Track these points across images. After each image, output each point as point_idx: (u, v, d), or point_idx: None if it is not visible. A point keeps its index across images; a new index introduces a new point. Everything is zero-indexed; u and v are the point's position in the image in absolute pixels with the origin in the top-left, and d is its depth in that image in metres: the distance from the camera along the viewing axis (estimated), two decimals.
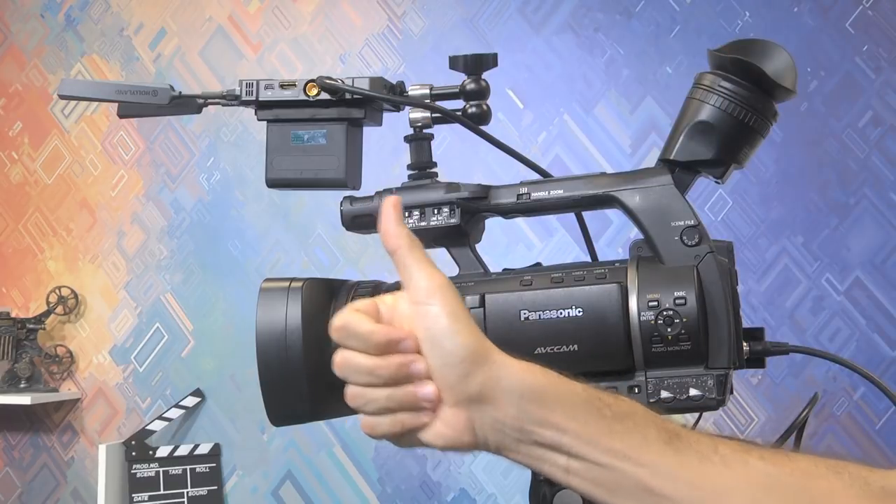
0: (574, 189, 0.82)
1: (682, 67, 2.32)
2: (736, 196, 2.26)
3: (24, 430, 2.70)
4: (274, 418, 0.84)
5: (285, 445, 2.51)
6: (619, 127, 2.36)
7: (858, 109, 2.22)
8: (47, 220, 2.74)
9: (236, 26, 2.64)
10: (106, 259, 2.68)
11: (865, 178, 2.21)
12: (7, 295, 2.75)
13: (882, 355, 2.16)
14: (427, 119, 0.88)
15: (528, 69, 2.42)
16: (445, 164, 0.93)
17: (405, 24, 2.52)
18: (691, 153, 0.80)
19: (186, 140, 2.64)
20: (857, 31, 2.23)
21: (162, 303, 2.63)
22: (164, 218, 2.65)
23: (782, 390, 2.21)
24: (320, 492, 2.48)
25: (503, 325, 0.77)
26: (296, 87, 0.88)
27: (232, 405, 2.55)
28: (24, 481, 2.69)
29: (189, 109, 0.92)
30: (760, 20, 2.28)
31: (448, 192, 0.85)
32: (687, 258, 0.76)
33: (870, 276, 2.19)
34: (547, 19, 2.43)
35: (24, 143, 2.78)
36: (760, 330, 0.87)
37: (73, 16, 2.76)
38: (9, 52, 2.81)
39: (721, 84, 0.78)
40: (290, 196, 2.50)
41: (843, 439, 2.17)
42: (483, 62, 0.87)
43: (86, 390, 2.66)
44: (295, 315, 0.82)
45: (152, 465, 2.50)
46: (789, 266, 2.23)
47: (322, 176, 0.88)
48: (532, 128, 2.41)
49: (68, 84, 0.91)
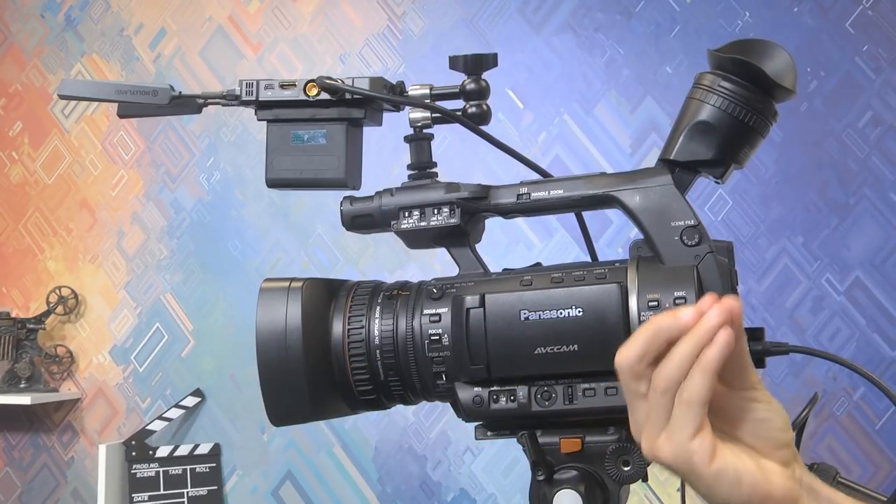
0: (574, 189, 0.82)
1: (682, 67, 2.32)
2: (736, 196, 2.27)
3: (24, 430, 2.71)
4: (274, 418, 0.84)
5: (285, 445, 2.51)
6: (619, 127, 2.36)
7: (858, 109, 2.22)
8: (47, 220, 2.74)
9: (236, 26, 2.64)
10: (106, 259, 2.68)
11: (865, 178, 2.21)
12: (7, 295, 2.75)
13: (882, 355, 2.17)
14: (427, 119, 0.88)
15: (528, 69, 2.42)
16: (445, 164, 0.93)
17: (405, 24, 2.52)
18: (691, 153, 0.79)
19: (186, 140, 2.64)
20: (857, 31, 2.23)
21: (162, 303, 2.63)
22: (164, 218, 2.65)
23: (782, 390, 2.21)
24: (320, 492, 2.48)
25: (503, 325, 0.77)
26: (296, 87, 0.88)
27: (232, 405, 2.55)
28: (24, 481, 2.69)
29: (189, 109, 0.92)
30: (760, 20, 2.28)
31: (448, 192, 0.84)
32: (687, 258, 0.76)
33: (870, 276, 2.19)
34: (547, 19, 2.43)
35: (24, 143, 2.78)
36: (760, 330, 0.87)
37: (73, 16, 2.76)
38: (9, 52, 2.81)
39: (721, 84, 0.78)
40: (290, 196, 2.50)
41: (843, 439, 2.17)
42: (483, 62, 0.87)
43: (86, 390, 2.66)
44: (295, 315, 0.82)
45: (152, 465, 2.50)
46: (789, 266, 2.23)
47: (322, 176, 0.88)
48: (532, 128, 2.41)
49: (68, 84, 0.91)
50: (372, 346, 0.82)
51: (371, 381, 0.83)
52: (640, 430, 0.65)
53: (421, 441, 2.42)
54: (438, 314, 0.80)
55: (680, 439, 0.62)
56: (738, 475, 0.63)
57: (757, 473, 0.63)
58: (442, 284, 0.82)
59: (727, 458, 0.63)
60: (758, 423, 0.65)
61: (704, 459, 0.62)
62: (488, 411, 0.78)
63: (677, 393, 0.62)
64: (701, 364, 0.61)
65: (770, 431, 0.65)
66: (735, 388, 0.65)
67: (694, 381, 0.62)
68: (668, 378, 0.62)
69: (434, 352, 0.79)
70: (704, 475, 0.62)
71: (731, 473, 0.63)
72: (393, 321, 0.82)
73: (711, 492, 0.63)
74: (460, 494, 2.39)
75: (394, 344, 0.81)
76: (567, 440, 0.78)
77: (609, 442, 0.77)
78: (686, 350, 0.62)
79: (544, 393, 0.77)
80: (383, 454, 2.45)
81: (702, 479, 0.63)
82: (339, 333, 0.83)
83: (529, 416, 0.77)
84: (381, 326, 0.82)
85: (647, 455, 0.65)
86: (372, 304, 0.83)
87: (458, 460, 2.40)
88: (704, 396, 0.62)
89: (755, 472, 0.63)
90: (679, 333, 0.62)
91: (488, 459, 2.38)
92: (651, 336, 0.63)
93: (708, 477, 0.62)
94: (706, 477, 0.62)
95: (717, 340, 0.61)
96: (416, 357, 0.80)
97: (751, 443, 0.65)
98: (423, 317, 0.80)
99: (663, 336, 0.63)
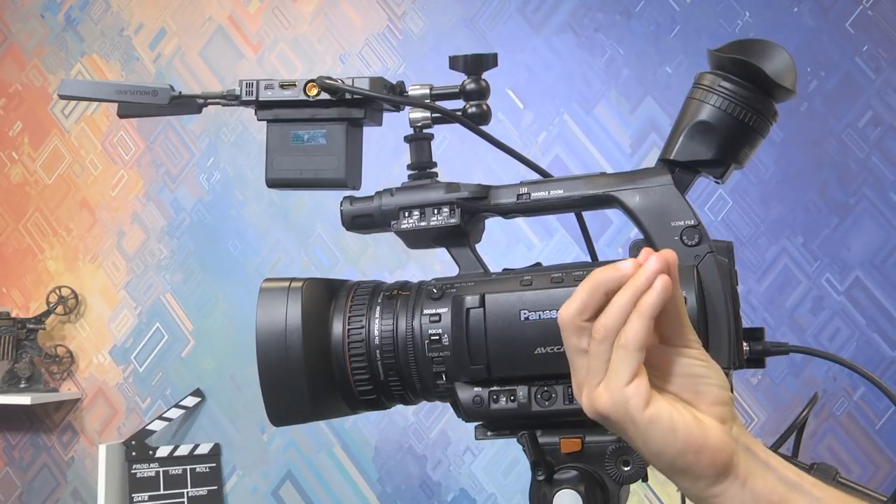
0: (574, 189, 0.82)
1: (682, 67, 2.32)
2: (736, 196, 2.27)
3: (24, 430, 2.71)
4: (274, 418, 0.84)
5: (285, 445, 2.51)
6: (619, 127, 2.36)
7: (858, 109, 2.22)
8: (47, 220, 2.74)
9: (236, 26, 2.64)
10: (106, 259, 2.68)
11: (865, 178, 2.21)
12: (7, 295, 2.75)
13: (882, 355, 2.16)
14: (427, 119, 0.88)
15: (528, 69, 2.42)
16: (445, 164, 0.93)
17: (405, 24, 2.52)
18: (691, 153, 0.80)
19: (186, 140, 2.64)
20: (857, 31, 2.23)
21: (162, 303, 2.63)
22: (164, 218, 2.65)
23: (782, 390, 2.21)
24: (320, 492, 2.48)
25: (503, 325, 0.77)
26: (296, 87, 0.88)
27: (232, 405, 2.55)
28: (24, 481, 2.69)
29: (189, 109, 0.92)
30: (760, 20, 2.28)
31: (448, 192, 0.84)
32: (687, 258, 0.76)
33: (870, 276, 2.19)
34: (547, 19, 2.43)
35: (24, 143, 2.78)
36: (760, 330, 0.87)
37: (73, 16, 2.76)
38: (9, 52, 2.81)
39: (721, 84, 0.78)
40: (290, 196, 2.50)
41: (843, 439, 2.17)
42: (483, 62, 0.87)
43: (86, 390, 2.66)
44: (295, 315, 0.82)
45: (152, 465, 2.50)
46: (789, 266, 2.23)
47: (322, 176, 0.88)
48: (532, 128, 2.41)
49: (68, 84, 0.91)
50: (372, 346, 0.82)
51: (371, 381, 0.83)
52: (581, 388, 0.67)
53: (421, 441, 2.42)
54: (438, 314, 0.80)
55: (616, 385, 0.64)
56: (673, 423, 0.64)
57: (692, 424, 0.64)
58: (442, 284, 0.82)
59: (662, 406, 0.64)
60: (695, 378, 0.66)
61: (640, 403, 0.63)
62: (488, 411, 0.78)
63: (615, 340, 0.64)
64: (639, 309, 0.63)
65: (707, 387, 0.66)
66: (672, 345, 0.66)
67: (631, 326, 0.63)
68: (607, 326, 0.64)
69: (434, 352, 0.79)
70: (639, 421, 0.63)
71: (665, 421, 0.63)
72: (393, 321, 0.82)
73: (647, 441, 0.64)
74: (460, 494, 2.39)
75: (394, 344, 0.81)
76: (567, 440, 0.78)
77: (609, 442, 0.77)
78: (625, 297, 0.64)
79: (544, 393, 0.77)
80: (383, 454, 2.45)
81: (637, 425, 0.64)
82: (339, 333, 0.83)
83: (529, 416, 0.77)
84: (381, 326, 0.82)
85: (587, 409, 0.66)
86: (372, 304, 0.83)
87: (458, 460, 2.40)
88: (641, 341, 0.63)
89: (690, 422, 0.64)
90: (618, 285, 0.64)
91: (488, 459, 2.38)
92: (591, 289, 0.65)
93: (642, 423, 0.63)
94: (641, 423, 0.63)
95: (654, 286, 0.63)
96: (416, 357, 0.80)
97: (688, 398, 0.66)
98: (423, 317, 0.80)
99: (603, 288, 0.65)
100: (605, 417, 0.65)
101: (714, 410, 0.66)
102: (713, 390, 0.66)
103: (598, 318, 0.65)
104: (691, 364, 0.66)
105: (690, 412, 0.65)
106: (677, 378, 0.66)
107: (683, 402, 0.66)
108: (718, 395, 0.66)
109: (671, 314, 0.65)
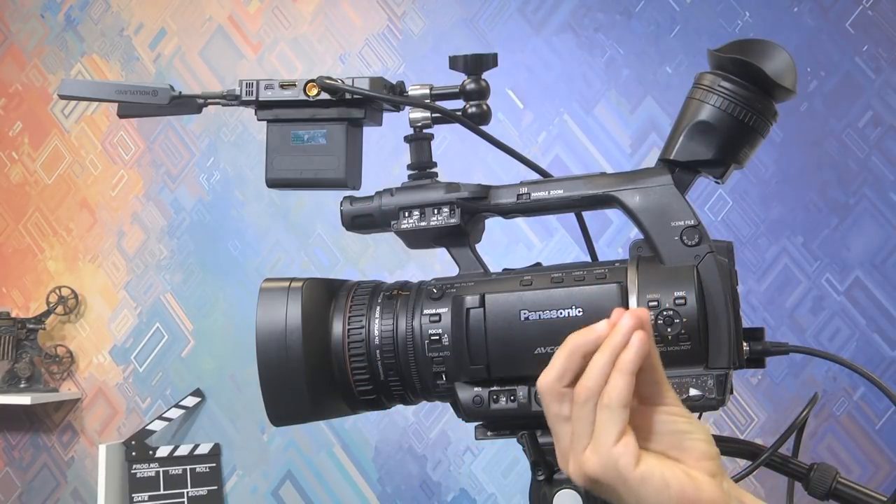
0: (574, 189, 0.82)
1: (682, 67, 2.32)
2: (736, 196, 2.27)
3: (24, 430, 2.71)
4: (274, 418, 0.84)
5: (285, 445, 2.51)
6: (619, 127, 2.36)
7: (858, 109, 2.22)
8: (47, 220, 2.74)
9: (236, 26, 2.64)
10: (106, 259, 2.68)
11: (865, 178, 2.21)
12: (7, 295, 2.75)
13: (882, 355, 2.17)
14: (427, 119, 0.88)
15: (528, 69, 2.42)
16: (445, 164, 0.93)
17: (405, 24, 2.52)
18: (691, 153, 0.79)
19: (186, 140, 2.65)
20: (857, 31, 2.23)
21: (162, 303, 2.63)
22: (164, 218, 2.65)
23: (782, 390, 2.21)
24: (320, 492, 2.48)
25: (503, 325, 0.77)
26: (296, 87, 0.88)
27: (232, 405, 2.55)
28: (24, 481, 2.69)
29: (189, 109, 0.92)
30: (760, 20, 2.28)
31: (448, 192, 0.84)
32: (687, 258, 0.76)
33: (870, 276, 2.19)
34: (547, 19, 2.43)
35: (24, 143, 2.78)
36: (760, 330, 0.87)
37: (73, 16, 2.76)
38: (9, 52, 2.81)
39: (721, 84, 0.78)
40: (290, 196, 2.50)
41: (843, 439, 2.17)
42: (483, 62, 0.87)
43: (86, 390, 2.66)
44: (295, 315, 0.82)
45: (152, 465, 2.50)
46: (789, 266, 2.23)
47: (322, 176, 0.88)
48: (532, 128, 2.41)
49: (68, 84, 0.91)
50: (372, 346, 0.82)
51: (371, 381, 0.83)
52: (566, 456, 0.66)
53: (421, 441, 2.42)
54: (438, 314, 0.80)
55: (604, 446, 0.63)
56: (666, 480, 0.63)
57: (684, 479, 0.64)
58: (442, 284, 0.82)
59: (652, 463, 0.63)
60: (680, 434, 0.65)
61: (630, 462, 0.62)
62: (488, 411, 0.78)
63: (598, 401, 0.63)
64: (619, 366, 0.63)
65: (693, 442, 0.65)
66: (652, 405, 0.66)
67: (614, 384, 0.63)
68: (588, 388, 0.63)
69: (434, 352, 0.79)
70: (631, 480, 0.63)
71: (657, 478, 0.63)
72: (393, 321, 0.82)
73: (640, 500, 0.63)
74: (460, 494, 2.39)
75: (394, 344, 0.81)
76: None
77: None
78: (604, 357, 0.63)
79: None
80: (383, 454, 2.45)
81: (629, 485, 0.63)
82: (339, 333, 0.83)
83: (529, 416, 0.77)
84: (381, 326, 0.82)
85: (576, 476, 0.65)
86: (372, 304, 0.83)
87: (458, 460, 2.40)
88: (625, 398, 0.63)
89: (682, 477, 0.64)
90: (594, 346, 0.64)
91: (488, 459, 2.38)
92: (568, 354, 0.65)
93: (634, 482, 0.63)
94: (633, 482, 0.63)
95: (631, 343, 0.63)
96: (416, 357, 0.80)
97: (675, 455, 0.65)
98: (423, 317, 0.80)
99: (580, 352, 0.64)
100: (596, 481, 0.64)
101: (702, 465, 0.65)
102: (700, 445, 0.65)
103: (579, 381, 0.64)
104: (674, 421, 0.66)
105: (680, 468, 0.64)
106: (662, 436, 0.65)
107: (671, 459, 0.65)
108: (705, 449, 0.66)
109: (648, 372, 0.65)
